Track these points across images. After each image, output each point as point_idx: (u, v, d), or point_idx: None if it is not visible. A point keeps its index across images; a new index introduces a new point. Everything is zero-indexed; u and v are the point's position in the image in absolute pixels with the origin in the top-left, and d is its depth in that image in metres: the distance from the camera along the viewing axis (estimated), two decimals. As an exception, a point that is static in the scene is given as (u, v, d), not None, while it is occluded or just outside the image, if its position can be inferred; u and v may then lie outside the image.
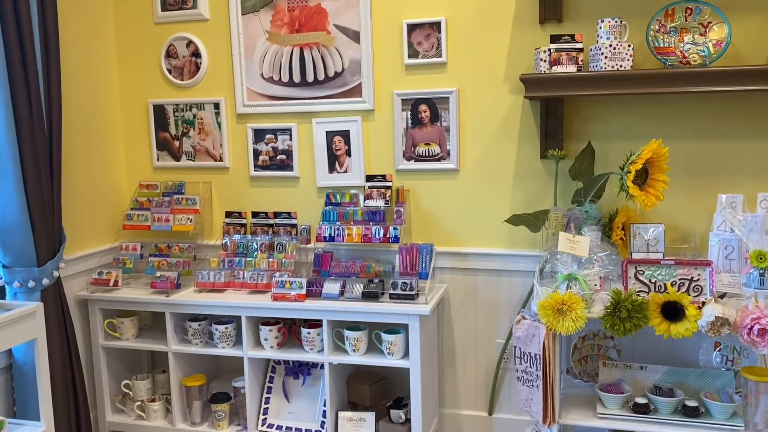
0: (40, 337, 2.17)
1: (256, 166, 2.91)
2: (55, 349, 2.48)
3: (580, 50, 2.30)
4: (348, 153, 2.78)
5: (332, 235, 2.69)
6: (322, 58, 2.75)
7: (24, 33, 2.33)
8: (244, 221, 2.91)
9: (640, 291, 2.11)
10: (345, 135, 2.78)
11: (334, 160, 2.81)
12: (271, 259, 2.75)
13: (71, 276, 2.74)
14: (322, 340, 2.58)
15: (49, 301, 2.48)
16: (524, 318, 2.24)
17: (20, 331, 2.10)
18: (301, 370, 2.75)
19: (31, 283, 2.42)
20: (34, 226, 2.40)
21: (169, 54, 2.95)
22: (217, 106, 2.92)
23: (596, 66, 2.26)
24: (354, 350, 2.55)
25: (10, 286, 2.43)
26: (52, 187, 2.48)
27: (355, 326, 2.59)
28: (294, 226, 2.85)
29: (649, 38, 2.29)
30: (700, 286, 2.07)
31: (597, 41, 2.29)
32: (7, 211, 2.35)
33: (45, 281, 2.45)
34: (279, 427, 2.69)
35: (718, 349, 2.34)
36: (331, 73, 2.75)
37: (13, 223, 2.37)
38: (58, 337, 2.51)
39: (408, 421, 2.59)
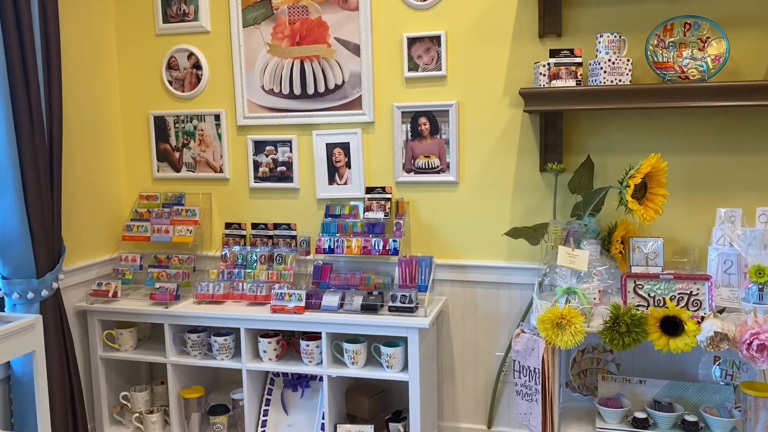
0: (38, 350, 2.17)
1: (256, 178, 2.92)
2: (54, 360, 2.47)
3: (580, 65, 2.31)
4: (348, 165, 2.79)
5: (332, 246, 2.70)
6: (323, 70, 2.76)
7: (25, 42, 2.34)
8: (243, 232, 2.91)
9: (639, 305, 2.11)
10: (345, 147, 2.78)
11: (334, 172, 2.81)
12: (270, 271, 2.75)
13: (70, 287, 2.74)
14: (320, 353, 2.57)
15: (48, 312, 2.48)
16: (523, 331, 2.24)
17: (19, 343, 2.10)
18: (300, 382, 2.75)
19: (30, 295, 2.42)
20: (33, 238, 2.40)
21: (170, 66, 2.96)
22: (217, 117, 2.93)
23: (595, 80, 2.27)
24: (353, 363, 2.55)
25: (9, 298, 2.43)
26: (52, 198, 2.49)
27: (354, 339, 2.58)
28: (294, 237, 2.86)
29: (648, 53, 2.31)
30: (699, 300, 2.07)
31: (596, 56, 2.30)
32: (7, 222, 2.35)
33: (44, 293, 2.45)
34: (277, 440, 2.69)
35: (717, 363, 2.34)
36: (331, 86, 2.76)
37: (13, 235, 2.37)
38: (57, 348, 2.50)
39: (407, 434, 2.58)
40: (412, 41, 2.63)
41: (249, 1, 2.81)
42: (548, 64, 2.33)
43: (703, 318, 2.02)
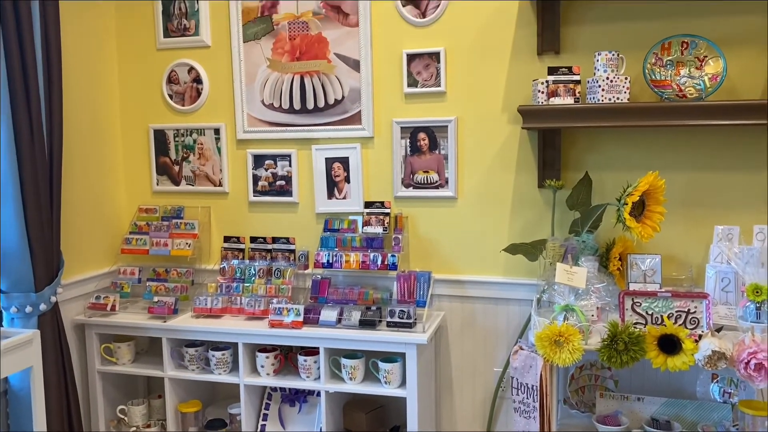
0: (36, 366, 2.16)
1: (255, 192, 2.92)
2: (51, 374, 2.47)
3: (578, 82, 2.32)
4: (347, 179, 2.80)
5: (330, 261, 2.70)
6: (323, 85, 2.78)
7: (26, 55, 2.35)
8: (242, 246, 2.92)
9: (637, 323, 2.11)
10: (344, 162, 2.79)
11: (333, 187, 2.82)
12: (268, 285, 2.75)
13: (68, 300, 2.74)
14: (318, 368, 2.57)
15: (46, 326, 2.47)
16: (521, 348, 2.24)
17: (16, 359, 2.10)
18: (298, 397, 2.74)
19: (28, 309, 2.42)
20: (32, 252, 2.40)
21: (171, 80, 2.98)
22: (217, 131, 2.94)
23: (593, 98, 2.28)
24: (351, 378, 2.55)
25: (7, 312, 2.43)
26: (52, 212, 2.49)
27: (352, 354, 2.58)
28: (292, 251, 2.86)
29: (646, 71, 2.32)
30: (697, 318, 2.07)
31: (594, 74, 2.31)
32: (6, 236, 2.36)
33: (42, 306, 2.45)
34: (274, 455, 2.68)
35: (715, 380, 2.34)
36: (331, 101, 2.78)
37: (12, 249, 2.37)
38: (54, 362, 2.50)
39: (404, 450, 2.57)
40: (411, 57, 2.65)
41: (250, 17, 2.83)
42: (546, 81, 2.34)
43: (700, 336, 2.02)
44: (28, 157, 2.36)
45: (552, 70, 2.34)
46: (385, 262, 2.64)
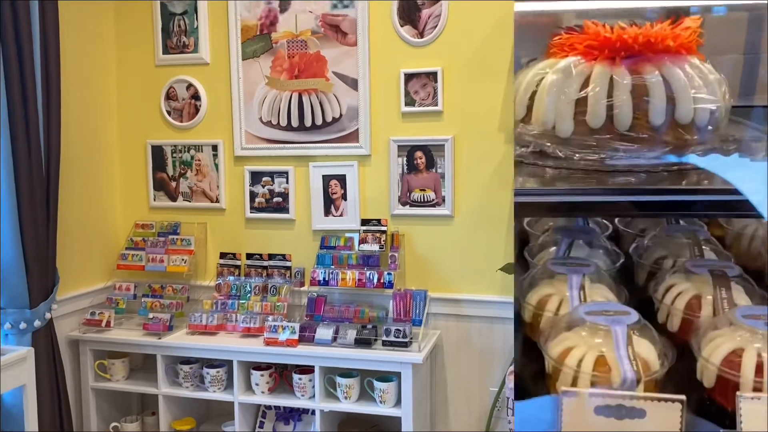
0: (29, 384, 2.15)
1: (252, 208, 2.92)
2: (45, 391, 2.45)
3: (574, 103, 2.33)
4: (344, 197, 2.80)
5: (326, 278, 2.69)
6: (321, 103, 2.79)
7: (25, 70, 2.36)
8: (238, 263, 2.91)
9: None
10: (341, 179, 2.80)
11: (329, 204, 2.82)
12: (264, 302, 2.75)
13: (63, 316, 2.73)
14: (313, 387, 2.56)
15: (40, 342, 2.46)
16: (517, 369, 2.23)
17: (10, 377, 2.09)
18: (292, 416, 2.73)
19: (22, 325, 2.41)
20: (28, 268, 2.40)
21: (169, 96, 2.99)
22: (215, 148, 2.94)
23: (589, 119, 2.29)
24: (346, 397, 2.53)
25: (1, 328, 2.42)
26: (48, 228, 2.49)
27: (347, 373, 2.57)
28: (288, 268, 2.86)
29: (642, 93, 2.33)
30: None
31: (590, 95, 2.33)
32: (2, 252, 2.35)
33: (37, 323, 2.44)
34: (268, 474, 2.66)
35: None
36: (329, 119, 2.79)
37: (7, 265, 2.37)
38: (48, 379, 2.49)
39: (399, 470, 2.56)
40: (409, 77, 2.67)
41: (249, 35, 2.84)
42: (543, 102, 2.35)
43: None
44: (25, 171, 2.36)
45: (548, 91, 2.35)
46: (381, 280, 2.64)
